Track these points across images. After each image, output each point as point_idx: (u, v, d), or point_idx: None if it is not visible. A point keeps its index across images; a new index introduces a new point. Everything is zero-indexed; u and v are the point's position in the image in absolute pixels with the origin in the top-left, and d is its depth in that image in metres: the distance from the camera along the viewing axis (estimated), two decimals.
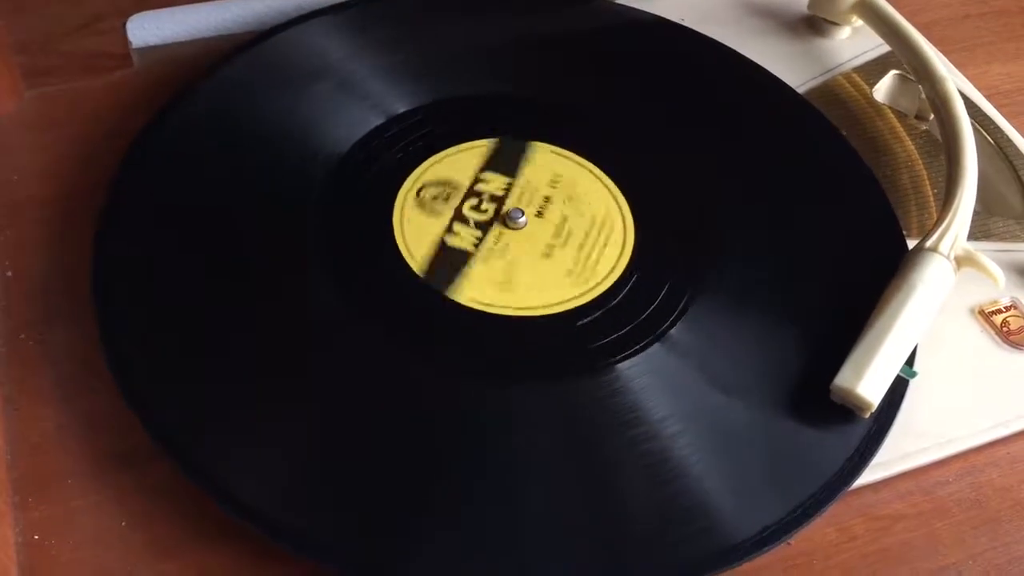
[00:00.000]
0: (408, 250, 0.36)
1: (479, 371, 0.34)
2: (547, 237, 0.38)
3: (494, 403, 0.33)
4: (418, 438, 0.32)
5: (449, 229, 0.37)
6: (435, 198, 0.35)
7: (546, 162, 0.40)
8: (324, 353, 0.34)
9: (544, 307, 0.35)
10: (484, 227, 0.37)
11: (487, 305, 0.35)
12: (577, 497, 0.31)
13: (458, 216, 0.37)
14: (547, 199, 0.39)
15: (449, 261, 0.36)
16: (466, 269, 0.36)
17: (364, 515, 0.30)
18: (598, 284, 0.36)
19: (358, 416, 0.33)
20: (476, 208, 0.38)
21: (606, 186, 0.40)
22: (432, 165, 0.38)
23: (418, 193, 0.36)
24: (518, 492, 0.31)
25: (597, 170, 0.40)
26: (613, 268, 0.37)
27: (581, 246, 0.37)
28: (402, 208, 0.38)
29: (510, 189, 0.39)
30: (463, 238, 0.37)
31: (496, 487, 0.31)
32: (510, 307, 0.35)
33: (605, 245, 0.37)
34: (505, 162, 0.40)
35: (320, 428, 0.32)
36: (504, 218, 0.37)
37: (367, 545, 0.30)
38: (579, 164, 0.40)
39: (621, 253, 0.38)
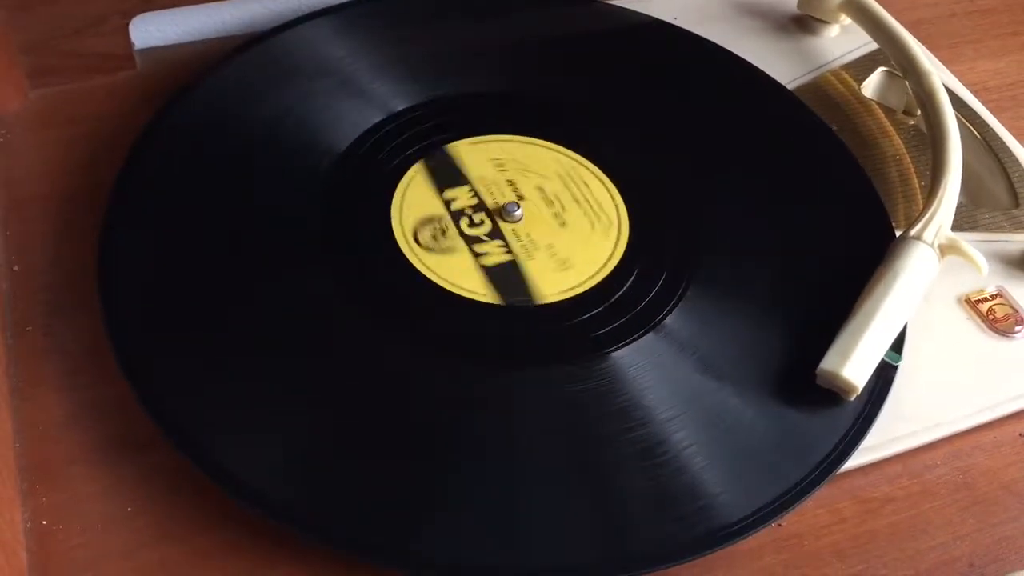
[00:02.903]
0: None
1: (476, 358, 0.34)
2: (546, 211, 0.39)
3: (492, 389, 0.34)
4: (417, 422, 0.33)
5: (476, 255, 0.37)
6: (435, 237, 0.36)
7: (475, 155, 0.41)
8: (329, 343, 0.34)
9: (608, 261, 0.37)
10: (496, 234, 0.38)
11: (573, 288, 0.36)
12: (573, 479, 0.32)
13: (469, 240, 0.38)
14: (511, 182, 0.39)
15: (506, 278, 0.37)
16: (525, 274, 0.37)
17: (365, 497, 0.31)
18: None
19: (360, 403, 0.33)
20: (473, 224, 0.38)
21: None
22: (401, 204, 0.39)
23: (417, 241, 0.37)
24: (516, 476, 0.32)
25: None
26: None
27: (575, 200, 0.38)
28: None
29: (477, 192, 0.39)
30: (493, 254, 0.37)
31: (495, 471, 0.32)
32: (588, 277, 0.37)
33: (587, 184, 0.39)
34: (449, 174, 0.40)
35: (322, 414, 0.33)
36: (503, 217, 0.38)
37: (369, 526, 0.30)
38: (503, 140, 0.41)
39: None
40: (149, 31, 0.46)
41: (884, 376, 0.35)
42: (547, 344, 0.35)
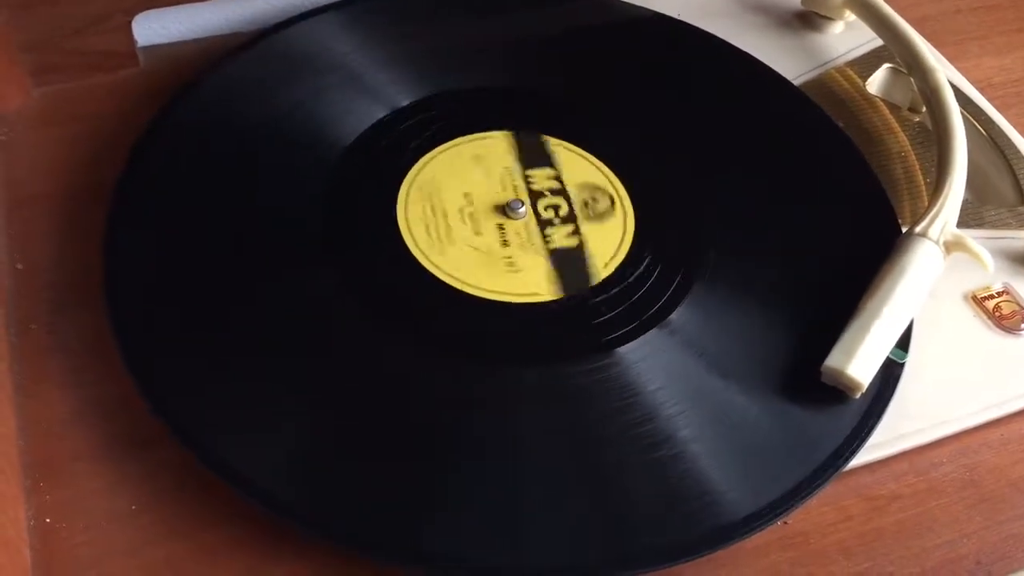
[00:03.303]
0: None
1: (482, 353, 0.34)
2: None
3: (497, 384, 0.34)
4: (419, 421, 0.33)
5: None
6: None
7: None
8: (332, 340, 0.34)
9: (613, 256, 0.38)
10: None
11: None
12: (576, 476, 0.32)
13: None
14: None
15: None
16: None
17: (368, 494, 0.31)
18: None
19: (363, 401, 0.33)
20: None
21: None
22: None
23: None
24: (519, 473, 0.32)
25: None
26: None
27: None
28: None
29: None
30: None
31: (498, 469, 0.32)
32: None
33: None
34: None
35: (324, 412, 0.33)
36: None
37: (371, 523, 0.30)
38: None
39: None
40: (152, 28, 0.46)
41: (890, 373, 0.35)
42: (552, 340, 0.35)
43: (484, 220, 0.38)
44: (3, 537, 0.29)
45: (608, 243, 0.38)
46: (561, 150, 0.41)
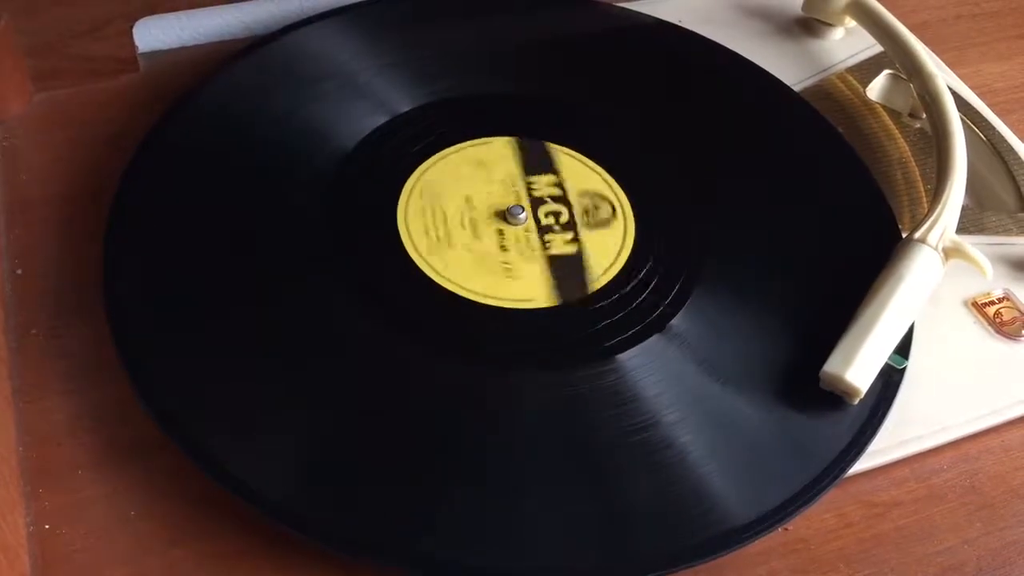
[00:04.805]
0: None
1: (482, 359, 0.34)
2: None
3: (496, 390, 0.34)
4: (421, 424, 0.33)
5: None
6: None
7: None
8: (333, 345, 0.34)
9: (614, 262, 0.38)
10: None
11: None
12: (579, 481, 0.32)
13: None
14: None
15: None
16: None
17: (370, 500, 0.31)
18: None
19: (364, 404, 0.33)
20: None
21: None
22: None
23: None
24: (520, 479, 0.32)
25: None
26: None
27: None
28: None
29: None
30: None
31: (498, 474, 0.32)
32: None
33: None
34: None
35: (325, 416, 0.33)
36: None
37: (373, 529, 0.30)
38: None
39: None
40: (153, 34, 0.46)
41: (890, 380, 0.35)
42: (552, 346, 0.35)
43: (484, 225, 0.38)
44: (2, 543, 0.29)
45: (607, 251, 0.38)
46: (564, 157, 0.41)
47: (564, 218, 0.39)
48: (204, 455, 0.31)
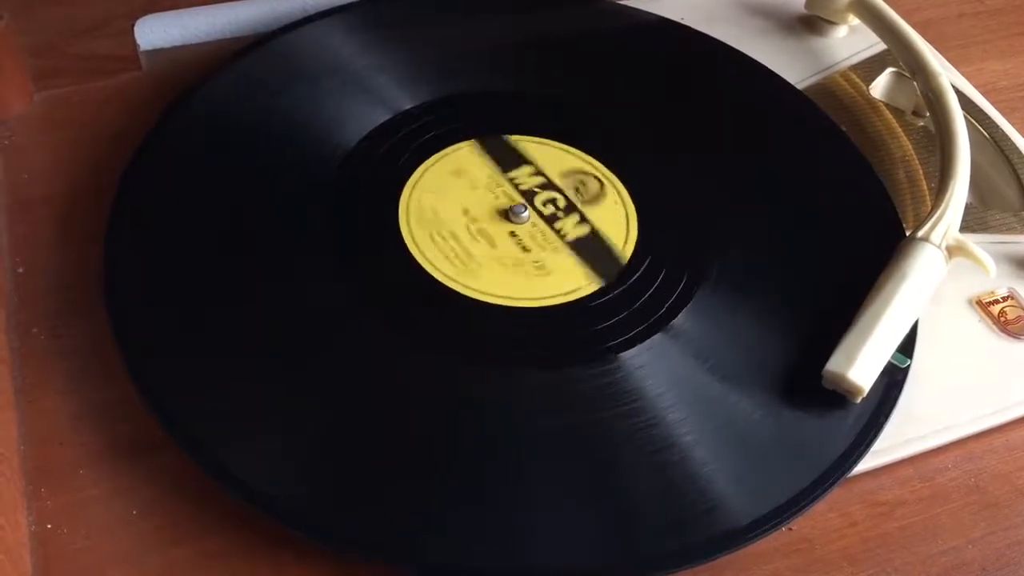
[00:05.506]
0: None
1: (484, 358, 0.34)
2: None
3: (498, 389, 0.34)
4: (422, 424, 0.33)
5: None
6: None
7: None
8: (334, 345, 0.34)
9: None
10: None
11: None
12: (582, 480, 0.32)
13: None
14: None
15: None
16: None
17: (372, 499, 0.31)
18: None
19: (365, 404, 0.33)
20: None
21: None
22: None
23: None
24: (524, 478, 0.32)
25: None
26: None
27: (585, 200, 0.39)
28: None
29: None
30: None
31: (500, 474, 0.32)
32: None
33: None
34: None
35: (326, 415, 0.33)
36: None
37: (373, 528, 0.30)
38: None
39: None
40: (154, 33, 0.46)
41: (893, 379, 0.35)
42: (555, 345, 0.35)
43: (494, 232, 0.38)
44: (4, 543, 0.29)
45: (615, 225, 0.38)
46: (531, 146, 0.41)
47: (561, 203, 0.39)
48: (204, 455, 0.31)
